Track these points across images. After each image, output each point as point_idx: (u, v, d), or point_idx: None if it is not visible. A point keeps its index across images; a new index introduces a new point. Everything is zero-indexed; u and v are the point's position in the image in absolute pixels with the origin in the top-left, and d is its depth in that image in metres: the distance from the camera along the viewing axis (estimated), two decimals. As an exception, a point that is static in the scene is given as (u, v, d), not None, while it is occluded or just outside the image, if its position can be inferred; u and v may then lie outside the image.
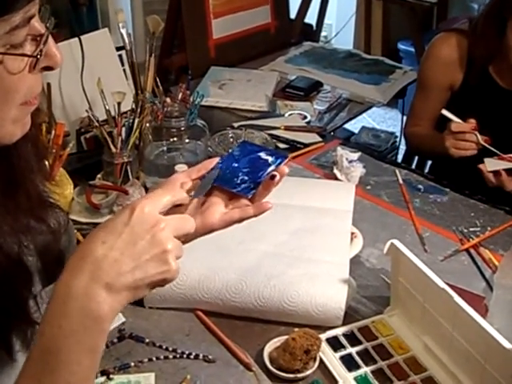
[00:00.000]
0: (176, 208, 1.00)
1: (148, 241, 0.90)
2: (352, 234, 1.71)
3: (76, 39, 2.15)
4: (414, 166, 2.62)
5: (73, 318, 0.85)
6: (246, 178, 1.14)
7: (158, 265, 0.90)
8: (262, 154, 1.18)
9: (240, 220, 1.14)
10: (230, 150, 1.22)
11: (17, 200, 1.03)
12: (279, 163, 1.15)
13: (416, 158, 2.78)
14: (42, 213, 1.11)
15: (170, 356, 1.42)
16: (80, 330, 0.86)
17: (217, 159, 1.19)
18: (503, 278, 1.63)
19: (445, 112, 2.11)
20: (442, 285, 1.28)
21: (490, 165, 1.98)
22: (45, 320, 0.88)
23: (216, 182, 1.14)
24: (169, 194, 0.97)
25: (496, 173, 1.98)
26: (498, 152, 2.00)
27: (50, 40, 0.90)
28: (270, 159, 1.16)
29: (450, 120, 2.08)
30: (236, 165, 1.16)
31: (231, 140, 2.23)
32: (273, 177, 1.12)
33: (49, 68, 0.93)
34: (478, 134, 2.02)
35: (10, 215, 1.01)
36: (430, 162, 2.64)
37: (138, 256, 0.89)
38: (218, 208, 1.13)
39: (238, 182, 1.13)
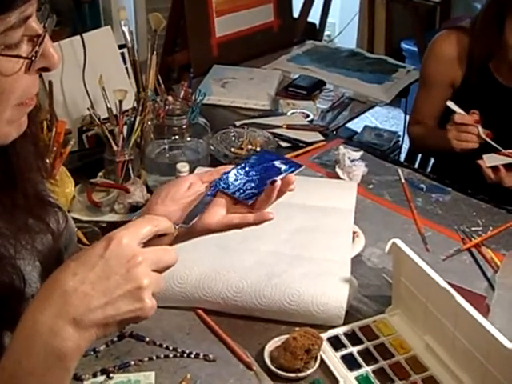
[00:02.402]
0: (161, 237, 0.96)
1: (122, 276, 0.85)
2: (354, 233, 1.70)
3: (78, 37, 2.15)
4: (416, 166, 2.62)
5: (34, 355, 0.82)
6: (253, 184, 1.13)
7: (130, 302, 0.85)
8: (277, 163, 1.17)
9: (239, 226, 1.13)
10: (249, 157, 1.22)
11: (14, 199, 1.02)
12: (291, 172, 1.14)
13: (419, 157, 2.78)
14: (41, 212, 1.10)
15: (171, 355, 1.41)
16: (42, 367, 0.82)
17: (230, 166, 1.19)
18: (505, 278, 1.63)
19: (450, 104, 2.12)
20: (443, 284, 1.28)
21: (488, 160, 1.99)
22: (7, 354, 0.84)
23: (221, 187, 1.14)
24: (149, 224, 0.91)
25: (495, 168, 1.98)
26: (499, 147, 2.01)
27: (48, 41, 0.89)
28: (283, 167, 1.16)
29: (453, 112, 2.08)
30: (247, 172, 1.16)
31: (233, 138, 2.23)
32: (273, 182, 1.11)
33: (45, 69, 0.91)
34: (480, 127, 2.03)
35: (8, 214, 1.00)
36: (432, 162, 2.64)
37: (111, 291, 0.84)
38: (218, 210, 1.13)
39: (244, 188, 1.13)
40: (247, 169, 1.18)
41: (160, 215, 1.09)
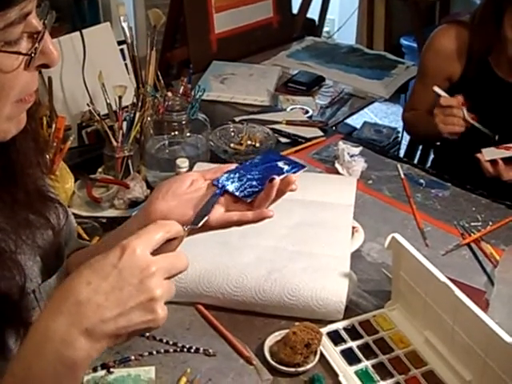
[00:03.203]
0: (171, 241, 0.95)
1: (136, 287, 0.84)
2: (353, 228, 1.71)
3: (77, 33, 2.15)
4: (415, 161, 2.62)
5: (45, 362, 0.81)
6: (254, 183, 1.13)
7: (143, 313, 0.85)
8: (280, 163, 1.17)
9: (238, 223, 1.13)
10: (253, 157, 1.21)
11: (14, 194, 1.02)
12: (293, 172, 1.14)
13: (418, 153, 2.78)
14: (41, 207, 1.09)
15: (171, 350, 1.42)
16: (52, 374, 0.82)
17: (234, 165, 1.19)
18: (504, 273, 1.63)
19: (436, 89, 2.12)
20: (443, 279, 1.28)
21: (487, 154, 1.99)
22: (17, 358, 0.84)
23: (221, 182, 1.14)
24: (162, 230, 0.91)
25: (493, 162, 1.98)
26: (484, 129, 2.05)
27: (47, 37, 0.88)
28: (286, 168, 1.16)
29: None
30: (249, 171, 1.16)
31: (232, 134, 2.23)
32: (271, 180, 1.11)
33: (45, 66, 0.90)
34: (465, 110, 2.04)
35: (8, 209, 1.00)
36: (432, 157, 2.64)
37: (124, 302, 0.84)
38: (218, 208, 1.13)
39: (245, 186, 1.13)
40: (250, 168, 1.18)
41: (161, 210, 1.09)
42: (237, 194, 1.13)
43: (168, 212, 1.09)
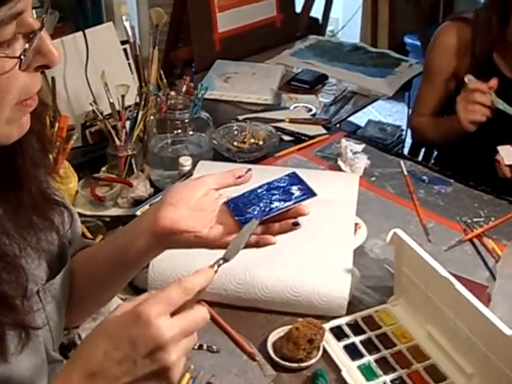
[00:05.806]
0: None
1: (149, 358, 0.85)
2: (356, 224, 1.71)
3: (80, 33, 2.16)
4: (420, 159, 2.61)
5: None
6: (257, 208, 1.12)
7: (157, 381, 0.87)
8: (295, 188, 1.16)
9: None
10: (280, 178, 1.19)
11: (19, 196, 1.00)
12: (301, 200, 1.13)
13: (422, 151, 2.77)
14: (46, 210, 1.07)
15: (174, 346, 1.42)
16: None
17: (245, 167, 1.17)
18: (506, 267, 1.63)
19: (469, 76, 2.06)
20: (444, 273, 1.28)
21: (509, 158, 1.94)
22: None
23: (229, 204, 1.14)
24: (183, 294, 0.91)
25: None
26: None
27: (46, 37, 0.84)
28: (296, 194, 1.14)
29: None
30: (261, 193, 1.15)
31: (236, 132, 2.23)
32: (296, 224, 1.12)
33: (45, 66, 0.87)
34: (494, 94, 1.99)
35: (12, 212, 0.99)
36: (435, 154, 2.64)
37: (137, 373, 0.85)
38: (221, 229, 1.12)
39: (249, 210, 1.12)
40: (265, 192, 1.16)
41: (170, 218, 1.07)
42: (236, 219, 1.11)
43: (178, 221, 1.08)
